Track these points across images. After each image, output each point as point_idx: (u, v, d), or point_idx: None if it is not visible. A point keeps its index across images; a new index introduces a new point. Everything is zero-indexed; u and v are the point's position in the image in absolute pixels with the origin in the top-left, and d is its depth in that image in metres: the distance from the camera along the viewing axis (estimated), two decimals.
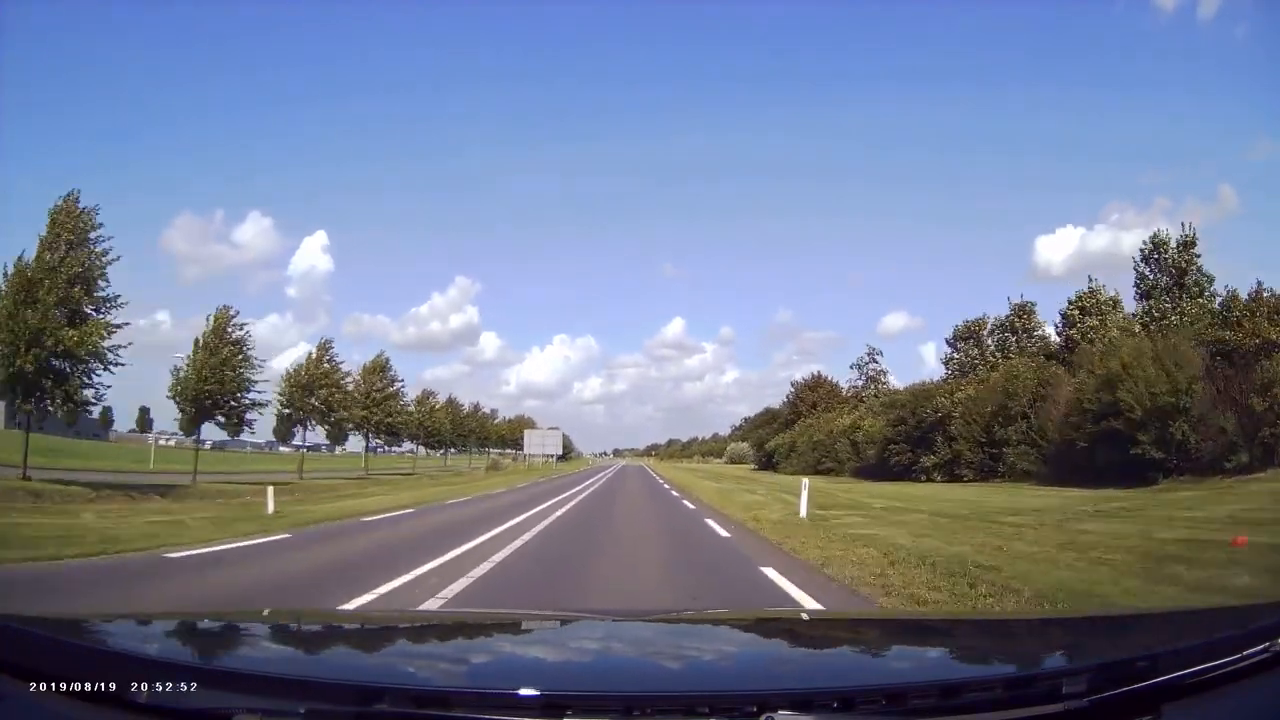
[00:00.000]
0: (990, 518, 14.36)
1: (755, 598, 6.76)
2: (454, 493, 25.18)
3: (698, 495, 24.63)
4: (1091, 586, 6.77)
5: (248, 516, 14.01)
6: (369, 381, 42.47)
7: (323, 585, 7.20)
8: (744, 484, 34.26)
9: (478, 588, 7.00)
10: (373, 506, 17.78)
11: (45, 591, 6.56)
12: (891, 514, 15.77)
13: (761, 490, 26.93)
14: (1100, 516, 14.22)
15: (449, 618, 4.16)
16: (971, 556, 8.59)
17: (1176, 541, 9.71)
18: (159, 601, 6.28)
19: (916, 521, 13.79)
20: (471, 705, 1.23)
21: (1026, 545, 9.91)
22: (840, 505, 18.13)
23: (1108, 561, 8.25)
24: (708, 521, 14.65)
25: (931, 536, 11.11)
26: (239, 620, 2.32)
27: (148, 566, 8.04)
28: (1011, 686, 1.39)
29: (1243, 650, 1.41)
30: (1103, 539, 10.31)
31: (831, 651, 2.13)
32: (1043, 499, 20.55)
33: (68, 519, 12.39)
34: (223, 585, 7.23)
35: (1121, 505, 16.48)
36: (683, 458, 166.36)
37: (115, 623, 2.15)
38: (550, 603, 6.65)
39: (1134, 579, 7.16)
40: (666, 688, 1.45)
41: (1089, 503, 17.63)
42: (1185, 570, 7.45)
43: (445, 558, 8.83)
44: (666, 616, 2.96)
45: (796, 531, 11.81)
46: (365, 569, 7.90)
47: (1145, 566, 7.87)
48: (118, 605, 6.10)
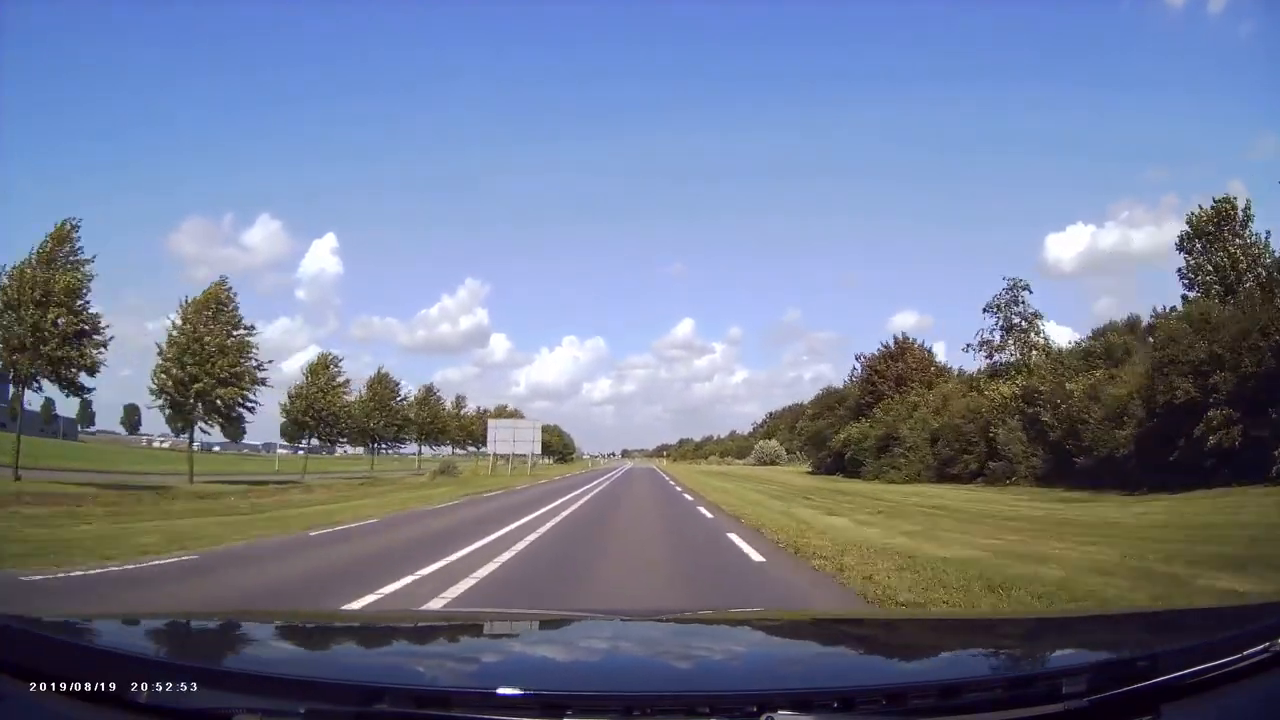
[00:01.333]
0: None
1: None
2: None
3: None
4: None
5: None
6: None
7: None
8: (915, 520, 15.01)
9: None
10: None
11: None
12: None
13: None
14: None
15: (449, 617, 4.15)
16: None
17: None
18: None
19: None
20: (471, 705, 1.23)
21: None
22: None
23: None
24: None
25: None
26: (239, 620, 2.32)
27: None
28: (1011, 686, 1.39)
29: (1243, 650, 1.40)
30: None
31: (831, 651, 2.13)
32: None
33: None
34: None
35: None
36: (697, 458, 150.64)
37: (115, 623, 2.15)
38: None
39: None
40: (666, 688, 1.45)
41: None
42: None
43: None
44: (667, 617, 2.95)
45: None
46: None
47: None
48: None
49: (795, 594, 7.14)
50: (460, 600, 6.56)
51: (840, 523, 14.15)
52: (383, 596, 6.59)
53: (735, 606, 5.82)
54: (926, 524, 13.84)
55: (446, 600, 6.44)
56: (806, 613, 5.00)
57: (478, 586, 7.23)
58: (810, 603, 6.70)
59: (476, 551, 9.78)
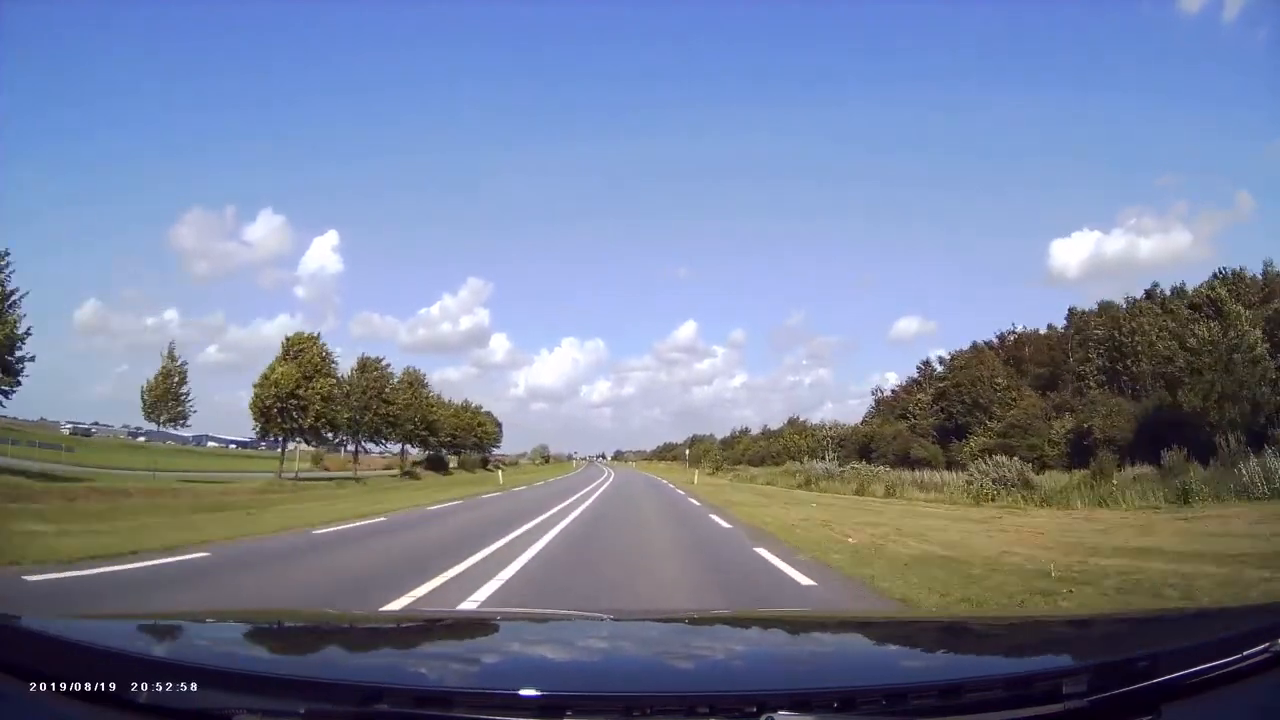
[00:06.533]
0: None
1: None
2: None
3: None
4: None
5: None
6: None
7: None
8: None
9: None
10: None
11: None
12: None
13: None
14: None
15: (449, 618, 4.15)
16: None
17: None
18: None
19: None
20: (471, 705, 1.23)
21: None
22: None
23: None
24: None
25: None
26: (239, 620, 2.32)
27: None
28: (1011, 686, 1.39)
29: (1243, 650, 1.41)
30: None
31: (831, 651, 2.13)
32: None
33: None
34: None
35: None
36: (722, 466, 78.70)
37: (115, 623, 2.15)
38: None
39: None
40: (666, 688, 1.45)
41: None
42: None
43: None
44: (667, 616, 2.96)
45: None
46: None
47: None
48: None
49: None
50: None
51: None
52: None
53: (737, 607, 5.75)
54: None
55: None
56: (806, 613, 5.00)
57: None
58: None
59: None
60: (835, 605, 6.66)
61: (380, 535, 12.43)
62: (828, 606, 6.58)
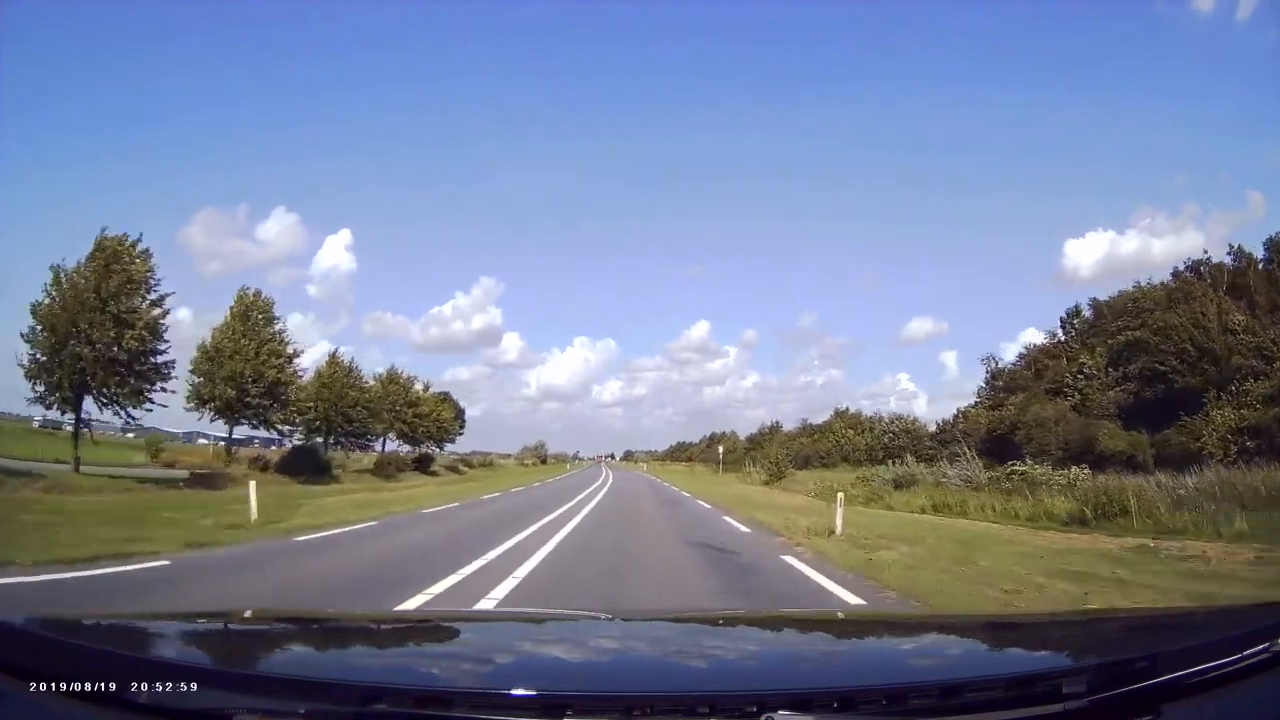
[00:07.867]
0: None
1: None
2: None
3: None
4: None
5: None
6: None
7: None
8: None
9: None
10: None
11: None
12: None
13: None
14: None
15: (449, 617, 4.15)
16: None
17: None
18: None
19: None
20: (471, 705, 1.23)
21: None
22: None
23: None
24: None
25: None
26: (239, 620, 2.31)
27: None
28: (1011, 686, 1.38)
29: (1243, 650, 1.40)
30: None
31: (831, 651, 2.12)
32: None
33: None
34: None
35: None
36: (773, 471, 41.38)
37: (115, 623, 2.15)
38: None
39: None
40: (666, 688, 1.45)
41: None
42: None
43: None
44: (667, 616, 2.96)
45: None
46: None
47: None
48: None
49: None
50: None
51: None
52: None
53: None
54: None
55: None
56: (806, 613, 5.00)
57: None
58: None
59: None
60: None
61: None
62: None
